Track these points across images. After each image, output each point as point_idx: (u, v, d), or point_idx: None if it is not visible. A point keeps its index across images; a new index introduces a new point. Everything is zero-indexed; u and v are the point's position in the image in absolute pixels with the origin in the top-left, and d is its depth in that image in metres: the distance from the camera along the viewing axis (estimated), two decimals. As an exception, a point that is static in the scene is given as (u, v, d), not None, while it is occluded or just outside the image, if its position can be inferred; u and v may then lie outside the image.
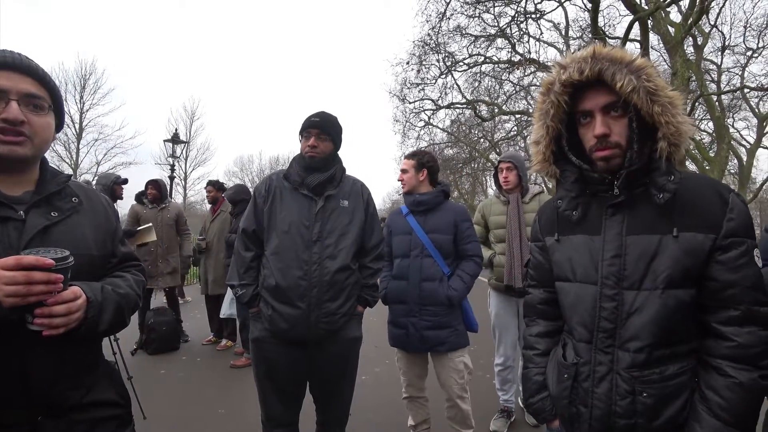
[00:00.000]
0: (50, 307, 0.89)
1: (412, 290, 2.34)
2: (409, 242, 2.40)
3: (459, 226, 2.41)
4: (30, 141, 0.97)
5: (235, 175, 38.32)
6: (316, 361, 1.98)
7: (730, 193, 0.98)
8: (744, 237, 0.96)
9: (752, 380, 0.92)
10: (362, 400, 3.43)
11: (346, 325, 2.00)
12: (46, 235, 0.99)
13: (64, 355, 1.00)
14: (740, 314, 0.94)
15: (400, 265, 2.41)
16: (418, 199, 2.42)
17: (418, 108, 15.58)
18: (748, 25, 14.42)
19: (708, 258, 0.96)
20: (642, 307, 0.99)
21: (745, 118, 18.31)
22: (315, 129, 1.97)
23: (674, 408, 0.98)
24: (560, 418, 1.18)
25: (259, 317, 1.99)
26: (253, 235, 2.02)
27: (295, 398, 2.06)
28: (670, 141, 0.95)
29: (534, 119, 1.13)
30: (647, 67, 0.96)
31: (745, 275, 0.94)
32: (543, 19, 12.49)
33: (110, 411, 1.11)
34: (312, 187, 1.96)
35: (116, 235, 1.20)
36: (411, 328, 2.34)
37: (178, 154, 12.66)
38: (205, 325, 5.48)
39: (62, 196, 1.06)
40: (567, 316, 1.15)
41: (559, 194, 1.16)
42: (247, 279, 2.00)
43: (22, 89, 0.96)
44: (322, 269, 1.90)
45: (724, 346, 0.95)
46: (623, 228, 1.03)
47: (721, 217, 0.96)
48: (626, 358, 1.01)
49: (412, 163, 2.48)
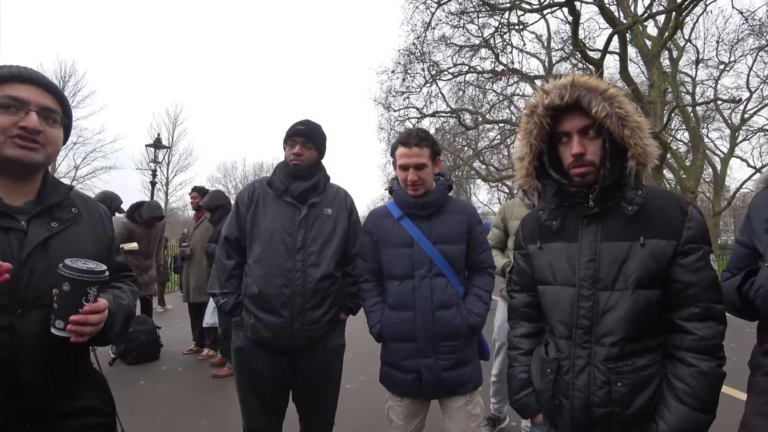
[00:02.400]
0: (86, 316, 0.96)
1: (423, 324, 1.74)
2: (411, 258, 1.78)
3: (473, 232, 1.85)
4: (44, 149, 1.03)
5: (219, 181, 37.95)
6: (300, 371, 1.96)
7: (689, 205, 1.13)
8: (701, 243, 1.10)
9: (712, 368, 1.06)
10: (347, 408, 3.40)
11: (330, 334, 1.98)
12: (46, 245, 1.01)
13: (55, 363, 1.01)
14: (700, 311, 1.07)
15: (401, 290, 1.78)
16: (423, 200, 1.80)
17: (403, 116, 15.75)
18: (720, 40, 15.05)
19: (671, 262, 1.09)
20: (615, 306, 1.11)
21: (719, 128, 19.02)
22: (300, 137, 1.96)
23: (645, 396, 1.09)
24: (544, 412, 1.27)
25: (241, 326, 1.96)
26: (235, 243, 1.99)
27: (277, 408, 2.03)
28: (638, 160, 1.09)
29: (518, 138, 1.25)
30: (619, 95, 1.10)
31: (702, 277, 1.08)
32: (526, 30, 12.85)
33: (96, 419, 1.13)
34: (296, 195, 1.94)
35: (113, 245, 1.23)
36: (425, 373, 1.74)
37: (160, 160, 12.49)
38: (186, 334, 5.36)
39: (62, 206, 1.10)
40: (548, 316, 1.25)
41: (540, 206, 1.28)
42: (229, 287, 1.97)
43: (41, 102, 1.03)
44: (305, 277, 1.88)
45: (687, 339, 1.08)
46: (597, 236, 1.16)
47: (681, 226, 1.10)
48: (602, 351, 1.12)
49: (427, 152, 1.78)
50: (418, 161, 1.75)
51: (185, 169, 27.86)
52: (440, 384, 1.76)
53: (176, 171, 27.45)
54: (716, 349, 1.06)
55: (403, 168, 1.77)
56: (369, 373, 4.17)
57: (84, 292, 0.95)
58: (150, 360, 4.67)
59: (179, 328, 6.11)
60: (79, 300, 0.95)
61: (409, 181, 1.76)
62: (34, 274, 0.97)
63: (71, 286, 0.94)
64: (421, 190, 1.79)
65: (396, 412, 1.86)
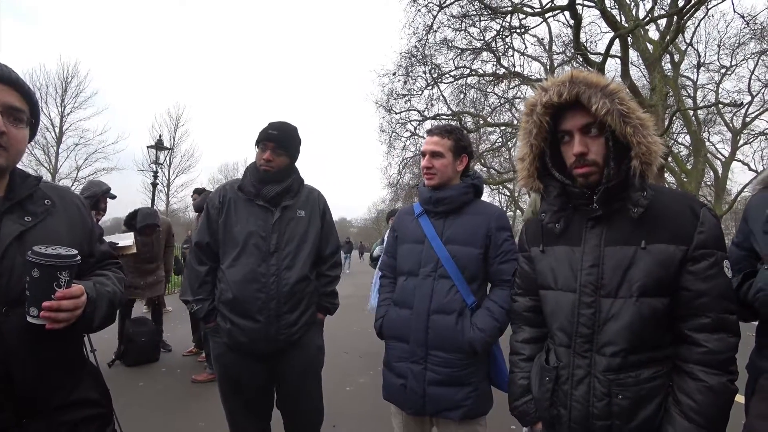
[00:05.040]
0: (59, 302, 0.92)
1: (417, 325, 1.64)
2: (419, 254, 1.71)
3: (494, 237, 1.67)
4: (6, 152, 0.97)
5: (220, 182, 37.73)
6: (279, 373, 1.95)
7: (702, 207, 1.05)
8: (714, 249, 1.02)
9: (722, 384, 0.98)
10: (346, 410, 3.39)
11: (306, 335, 1.96)
12: (21, 240, 0.98)
13: (47, 357, 1.00)
14: (711, 322, 1.00)
15: (404, 286, 1.72)
16: (437, 195, 1.71)
17: (405, 119, 15.72)
18: (721, 44, 15.06)
19: (680, 268, 1.02)
20: (618, 314, 1.04)
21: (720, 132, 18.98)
22: (271, 143, 1.91)
23: (649, 410, 1.03)
24: (542, 421, 1.22)
25: (216, 332, 1.93)
26: (207, 248, 1.96)
27: (263, 410, 2.02)
28: (642, 160, 1.01)
29: (519, 138, 1.20)
30: (620, 91, 1.03)
31: (715, 285, 1.00)
32: (527, 34, 12.85)
33: (92, 410, 1.12)
34: (268, 199, 1.91)
35: (93, 234, 1.20)
36: (411, 379, 1.64)
37: (161, 161, 12.49)
38: (185, 336, 5.36)
39: (34, 199, 1.06)
40: (549, 323, 1.20)
41: (542, 208, 1.22)
42: (202, 294, 1.93)
43: (6, 101, 0.97)
44: (279, 281, 1.85)
45: (696, 351, 1.01)
46: (601, 240, 1.09)
47: (692, 230, 1.02)
48: (603, 362, 1.06)
49: (447, 143, 1.71)
50: (435, 148, 1.71)
51: (187, 170, 27.89)
52: (425, 398, 1.61)
53: (178, 172, 27.49)
54: (727, 363, 0.99)
55: (423, 154, 1.76)
56: (369, 375, 4.19)
57: (54, 278, 0.93)
58: (149, 361, 4.65)
59: (179, 330, 6.10)
60: (51, 285, 0.93)
61: (423, 167, 1.74)
62: (14, 270, 0.95)
63: (40, 272, 0.92)
64: (435, 180, 1.72)
65: (396, 420, 1.77)
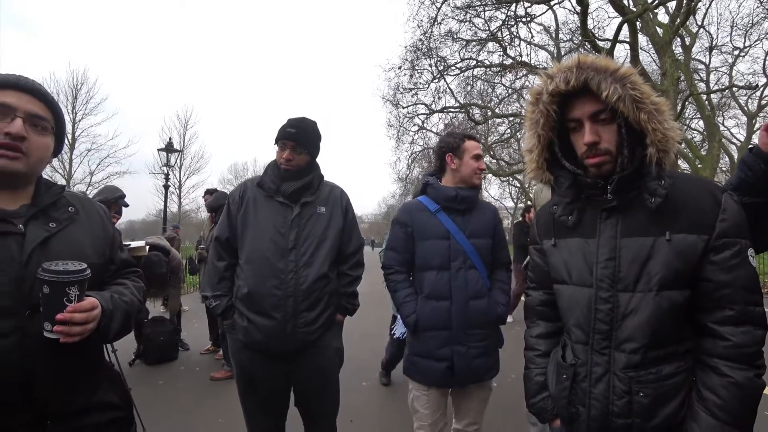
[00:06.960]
0: (71, 315, 0.95)
1: (458, 313, 1.88)
2: (447, 249, 1.91)
3: (496, 228, 2.03)
4: (26, 158, 1.02)
5: (230, 182, 38.34)
6: (296, 375, 1.93)
7: (723, 193, 0.99)
8: (737, 237, 0.96)
9: (748, 379, 0.94)
10: (364, 406, 3.42)
11: (325, 336, 1.92)
12: (45, 246, 1.02)
13: (68, 362, 1.02)
14: (735, 314, 0.95)
15: (438, 280, 1.91)
16: (462, 195, 1.95)
17: (412, 112, 15.66)
18: (734, 25, 14.70)
19: (701, 259, 0.97)
20: (636, 309, 1.00)
21: (735, 116, 18.59)
22: (291, 141, 1.89)
23: (671, 408, 0.99)
24: (560, 418, 1.19)
25: (233, 329, 1.92)
26: (226, 244, 1.95)
27: (278, 409, 2.02)
28: (659, 147, 0.96)
29: (525, 128, 1.14)
30: (632, 75, 0.97)
31: (738, 275, 0.95)
32: (533, 22, 12.65)
33: (112, 414, 1.13)
34: (288, 194, 1.90)
35: (114, 242, 1.23)
36: (457, 360, 1.87)
37: (172, 163, 12.62)
38: (202, 335, 5.44)
39: (58, 206, 1.10)
40: (564, 318, 1.17)
41: (553, 200, 1.18)
42: (221, 290, 1.92)
43: (29, 109, 1.03)
44: (298, 278, 1.83)
45: (721, 345, 0.96)
46: (617, 231, 1.05)
47: (714, 218, 0.97)
48: (622, 358, 1.02)
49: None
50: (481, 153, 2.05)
51: (197, 171, 28.24)
52: (470, 371, 1.90)
53: (188, 174, 27.86)
54: (754, 357, 0.94)
55: (477, 158, 2.00)
56: (373, 379, 4.09)
57: (64, 293, 0.95)
58: (169, 360, 4.75)
59: (195, 329, 6.19)
60: (61, 301, 0.95)
61: (479, 169, 2.00)
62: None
63: (50, 289, 0.94)
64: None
65: (421, 402, 1.95)
